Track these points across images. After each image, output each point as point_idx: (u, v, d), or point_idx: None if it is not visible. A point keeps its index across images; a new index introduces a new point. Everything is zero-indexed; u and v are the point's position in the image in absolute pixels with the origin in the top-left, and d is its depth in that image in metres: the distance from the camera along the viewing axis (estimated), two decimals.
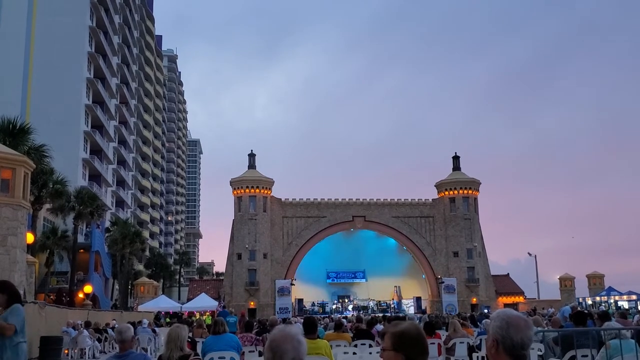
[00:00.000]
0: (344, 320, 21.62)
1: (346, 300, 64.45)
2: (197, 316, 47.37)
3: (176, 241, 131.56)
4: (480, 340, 13.56)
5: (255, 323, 20.32)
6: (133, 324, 24.14)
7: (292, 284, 62.16)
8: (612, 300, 55.59)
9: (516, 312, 2.89)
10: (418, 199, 68.48)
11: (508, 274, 72.84)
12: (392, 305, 63.86)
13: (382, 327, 17.65)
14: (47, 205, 39.09)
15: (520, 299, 67.05)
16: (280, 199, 66.29)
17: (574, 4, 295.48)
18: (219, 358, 9.26)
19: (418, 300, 63.52)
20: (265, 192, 64.64)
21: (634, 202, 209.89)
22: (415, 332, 2.78)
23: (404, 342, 2.73)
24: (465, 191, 67.00)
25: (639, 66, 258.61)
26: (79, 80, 58.77)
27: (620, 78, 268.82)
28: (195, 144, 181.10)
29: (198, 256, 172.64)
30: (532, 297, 69.00)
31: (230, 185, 65.33)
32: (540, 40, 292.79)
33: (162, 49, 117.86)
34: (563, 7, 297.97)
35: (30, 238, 26.89)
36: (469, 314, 37.10)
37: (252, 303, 60.83)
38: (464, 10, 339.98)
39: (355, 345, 11.95)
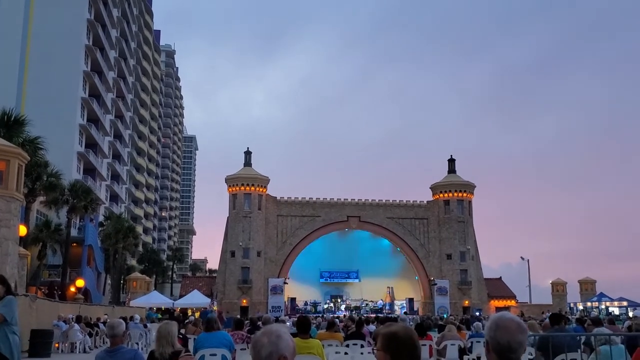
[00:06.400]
0: (337, 320, 21.59)
1: (339, 300, 64.49)
2: (189, 313, 47.43)
3: (170, 237, 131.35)
4: (472, 342, 13.58)
5: (246, 321, 20.30)
6: (125, 319, 24.06)
7: (285, 283, 62.14)
8: (603, 306, 55.83)
9: (512, 315, 2.89)
10: (413, 201, 68.60)
11: (500, 277, 73.02)
12: (385, 307, 63.94)
13: (374, 327, 17.68)
14: (41, 198, 38.98)
15: (512, 302, 67.22)
16: (276, 197, 66.26)
17: (572, 9, 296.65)
18: (211, 355, 9.25)
19: (410, 301, 63.61)
20: (261, 190, 64.59)
21: (628, 208, 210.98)
22: (404, 334, 2.79)
23: (392, 343, 2.75)
24: (460, 194, 67.15)
25: (634, 70, 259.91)
26: (76, 73, 58.56)
27: (616, 83, 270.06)
28: (191, 140, 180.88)
29: (191, 253, 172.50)
30: (524, 301, 69.19)
31: (226, 182, 65.25)
32: (538, 44, 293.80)
33: (160, 44, 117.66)
34: (561, 12, 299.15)
35: (23, 230, 26.80)
36: (460, 317, 37.23)
37: (244, 301, 60.80)
38: (462, 12, 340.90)
39: (347, 345, 11.96)
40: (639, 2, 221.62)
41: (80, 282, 45.21)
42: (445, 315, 47.31)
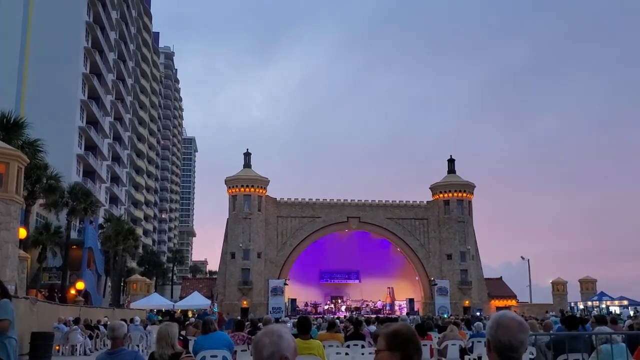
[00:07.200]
0: (337, 320, 21.59)
1: (339, 301, 64.46)
2: (190, 315, 47.42)
3: (170, 239, 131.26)
4: (472, 342, 13.57)
5: (247, 322, 20.30)
6: (125, 321, 24.03)
7: (285, 284, 62.11)
8: (603, 305, 55.73)
9: (513, 314, 2.87)
10: (412, 201, 68.58)
11: (501, 277, 72.98)
12: (385, 307, 63.92)
13: (374, 327, 17.65)
14: (41, 201, 38.92)
15: (513, 302, 67.19)
16: (275, 198, 66.23)
17: (570, 8, 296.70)
18: (211, 356, 9.23)
19: (411, 301, 63.55)
20: (260, 191, 64.57)
21: (628, 207, 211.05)
22: (408, 331, 2.77)
23: (397, 341, 2.72)
24: (460, 194, 67.12)
25: (633, 70, 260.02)
26: (75, 76, 58.55)
27: (616, 82, 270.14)
28: (191, 141, 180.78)
29: (191, 254, 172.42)
30: (525, 301, 69.14)
31: (225, 184, 65.23)
32: (536, 44, 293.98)
33: (159, 45, 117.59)
34: (559, 11, 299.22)
35: (22, 233, 26.80)
36: (462, 317, 37.21)
37: (245, 302, 60.77)
38: (459, 13, 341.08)
39: (348, 346, 11.96)
40: (637, 3, 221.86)
41: (80, 285, 45.16)
42: (445, 315, 47.30)
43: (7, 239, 18.57)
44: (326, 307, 63.27)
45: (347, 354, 11.13)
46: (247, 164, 66.55)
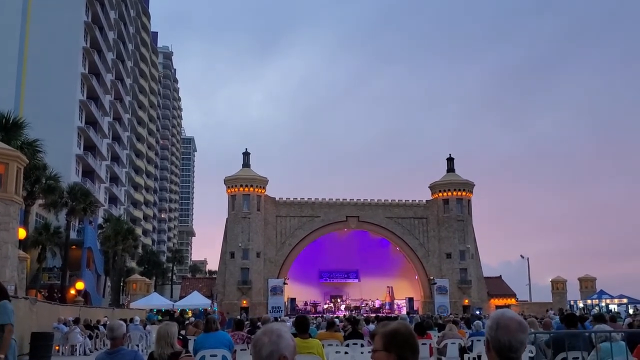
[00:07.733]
0: (337, 319, 21.59)
1: (338, 300, 64.48)
2: (190, 314, 47.40)
3: (169, 239, 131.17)
4: (472, 341, 13.58)
5: (246, 322, 20.31)
6: (125, 321, 24.02)
7: (284, 283, 62.12)
8: (603, 304, 55.74)
9: (513, 313, 2.85)
10: (412, 200, 68.58)
11: (500, 276, 73.03)
12: (385, 306, 63.93)
13: (373, 326, 17.67)
14: (40, 201, 38.92)
15: (512, 301, 67.21)
16: (274, 198, 66.21)
17: (569, 8, 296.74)
18: (211, 356, 9.24)
19: (410, 300, 63.58)
20: (259, 191, 64.55)
21: (627, 205, 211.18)
22: (406, 331, 2.74)
23: (395, 341, 2.68)
24: (459, 193, 67.12)
25: (631, 69, 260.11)
26: (74, 76, 58.48)
27: (613, 81, 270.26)
28: (190, 141, 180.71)
29: (191, 254, 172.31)
30: (524, 300, 69.19)
31: (224, 183, 65.21)
32: (535, 43, 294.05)
33: (158, 45, 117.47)
34: (556, 11, 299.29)
35: (22, 233, 26.78)
36: (460, 316, 37.24)
37: (244, 302, 60.77)
38: (458, 13, 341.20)
39: (347, 345, 11.97)
40: (637, 2, 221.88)
41: (80, 285, 45.14)
42: (445, 314, 47.29)
43: (7, 239, 18.57)
44: (325, 306, 63.28)
45: (346, 352, 11.14)
46: (246, 164, 66.53)
